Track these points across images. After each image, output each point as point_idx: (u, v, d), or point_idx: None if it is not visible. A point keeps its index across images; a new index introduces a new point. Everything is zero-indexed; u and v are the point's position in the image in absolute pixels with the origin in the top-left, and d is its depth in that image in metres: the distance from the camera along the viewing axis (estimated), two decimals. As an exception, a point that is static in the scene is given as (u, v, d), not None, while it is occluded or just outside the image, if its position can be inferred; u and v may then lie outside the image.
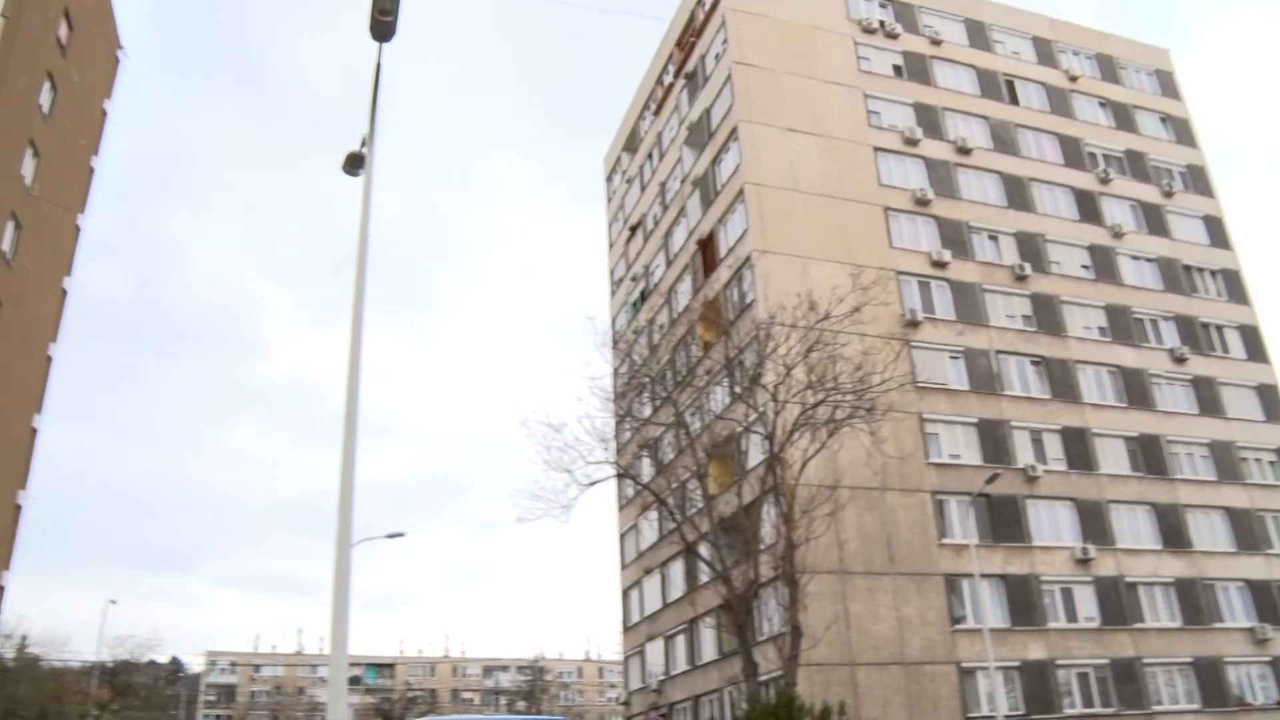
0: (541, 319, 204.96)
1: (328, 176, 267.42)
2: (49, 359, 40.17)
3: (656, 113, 53.39)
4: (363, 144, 13.93)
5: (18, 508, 37.78)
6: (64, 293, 41.40)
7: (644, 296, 50.85)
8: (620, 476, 34.44)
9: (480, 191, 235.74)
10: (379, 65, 13.58)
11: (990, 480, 33.94)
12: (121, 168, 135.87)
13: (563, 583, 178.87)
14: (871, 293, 32.11)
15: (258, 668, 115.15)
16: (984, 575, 34.26)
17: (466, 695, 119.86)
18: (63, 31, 38.06)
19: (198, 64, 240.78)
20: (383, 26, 12.70)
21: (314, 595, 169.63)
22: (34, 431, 39.21)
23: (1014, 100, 48.03)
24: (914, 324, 39.09)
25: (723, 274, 40.75)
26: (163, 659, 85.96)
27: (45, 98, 37.20)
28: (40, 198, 37.15)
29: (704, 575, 37.42)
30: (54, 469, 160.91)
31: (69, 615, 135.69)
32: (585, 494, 28.99)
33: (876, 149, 42.97)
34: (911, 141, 43.60)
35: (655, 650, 44.82)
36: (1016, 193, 45.10)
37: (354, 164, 14.10)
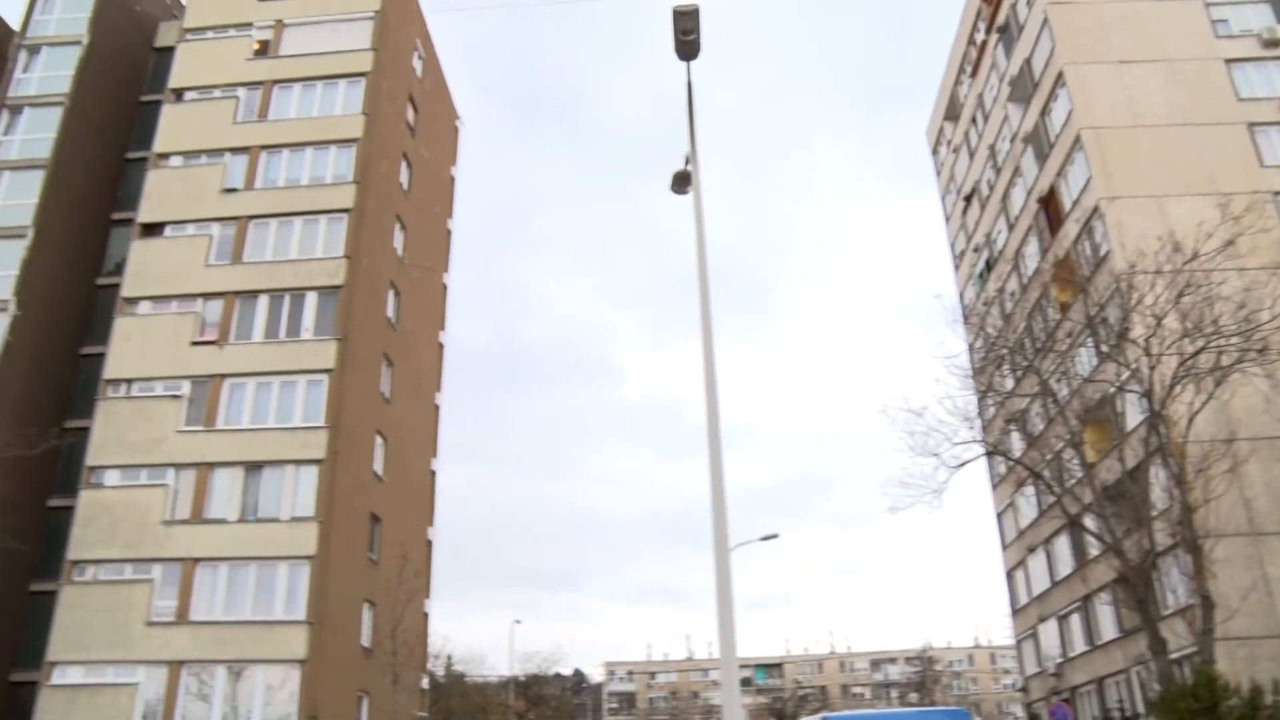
0: (886, 304, 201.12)
1: (655, 201, 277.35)
2: (436, 407, 44.63)
3: (973, 74, 51.14)
4: (687, 162, 14.41)
5: (429, 543, 42.21)
6: (440, 346, 45.84)
7: (989, 266, 48.75)
8: (990, 454, 33.07)
9: (804, 186, 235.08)
10: (689, 83, 14.09)
11: None
12: (471, 226, 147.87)
13: (943, 569, 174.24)
14: (1245, 221, 28.87)
15: (653, 675, 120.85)
16: None
17: (856, 690, 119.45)
18: (410, 115, 42.25)
19: (520, 118, 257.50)
20: (687, 46, 13.24)
21: (697, 602, 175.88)
22: (433, 474, 43.60)
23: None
24: (1302, 247, 34.77)
25: (1070, 229, 38.28)
26: (566, 671, 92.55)
27: (404, 176, 41.48)
28: (411, 264, 41.35)
29: (1093, 548, 35.11)
30: (453, 505, 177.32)
31: (482, 634, 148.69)
32: (956, 476, 28.02)
33: (1228, 61, 38.62)
34: (1273, 43, 38.85)
35: (1049, 632, 42.67)
36: None
37: (681, 183, 14.64)
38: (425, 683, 41.65)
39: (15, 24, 43.66)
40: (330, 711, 31.01)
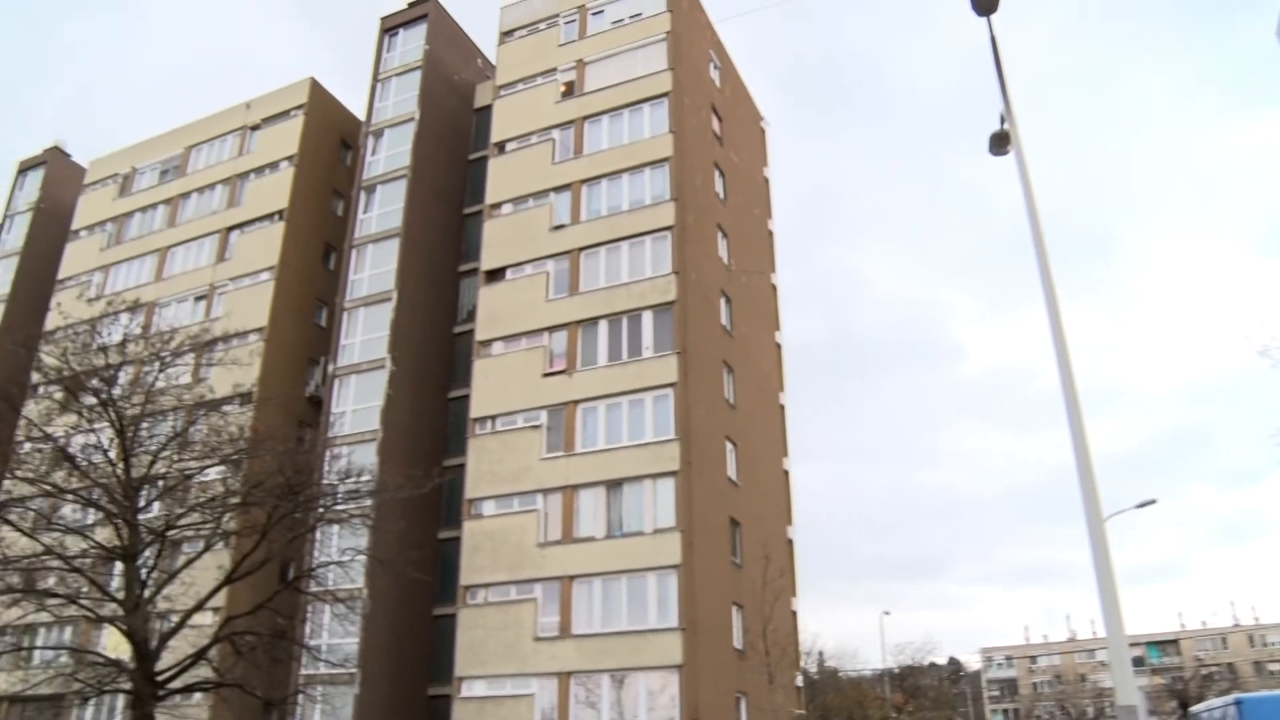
0: (1246, 235, 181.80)
1: (970, 166, 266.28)
2: (781, 407, 44.82)
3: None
4: (1002, 120, 13.74)
5: (790, 542, 42.35)
6: (778, 347, 46.04)
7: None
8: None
9: (1130, 120, 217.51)
10: (993, 38, 13.41)
11: None
12: (789, 222, 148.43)
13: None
14: None
15: (1033, 659, 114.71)
16: None
17: (1273, 668, 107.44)
18: (716, 125, 42.93)
19: (821, 106, 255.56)
20: (985, 1, 12.66)
21: (1071, 579, 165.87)
22: (786, 473, 43.76)
23: None
24: None
25: None
26: (941, 660, 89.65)
27: (719, 185, 42.16)
28: (739, 270, 41.87)
29: None
30: (808, 503, 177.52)
31: (851, 629, 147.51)
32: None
33: None
34: None
35: None
36: None
37: (1000, 143, 13.94)
38: (800, 680, 41.74)
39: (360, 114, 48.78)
40: (710, 713, 31.69)
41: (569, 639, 33.29)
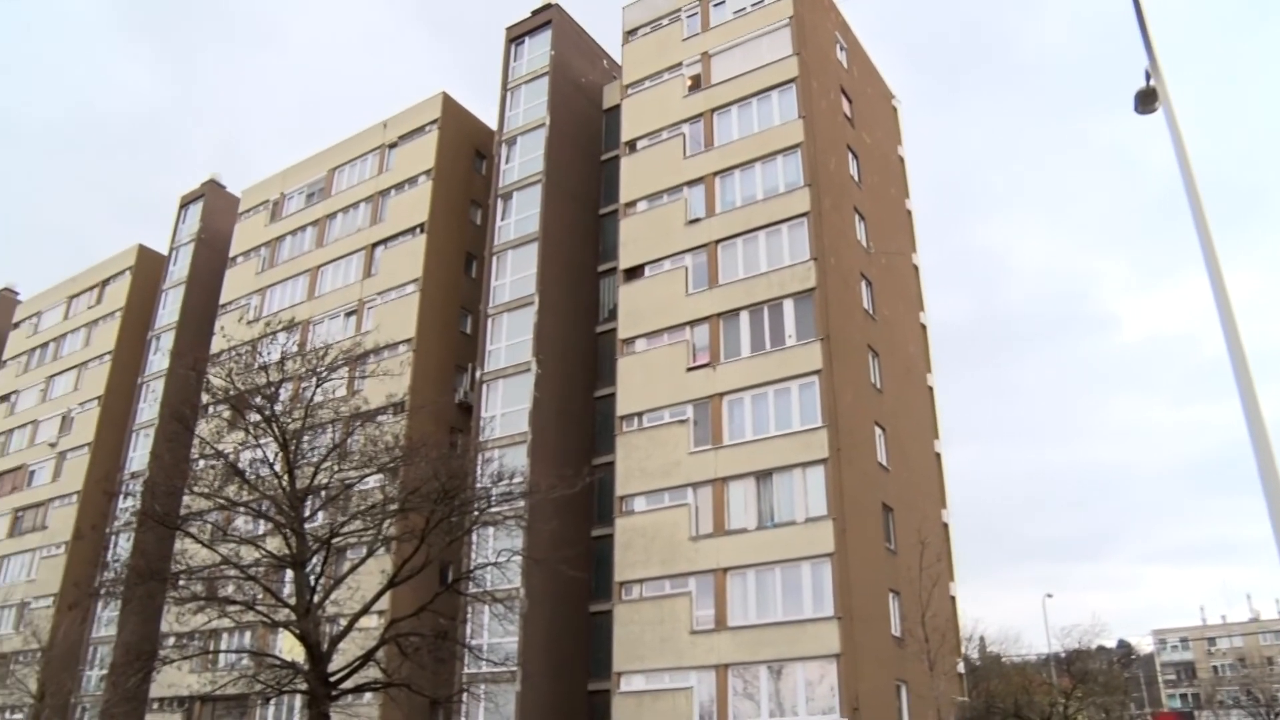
0: None
1: (1112, 129, 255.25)
2: (930, 389, 43.83)
3: None
4: (1148, 77, 13.12)
5: (945, 526, 41.37)
6: (923, 328, 45.02)
7: None
8: None
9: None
10: (1134, -10, 12.84)
11: None
12: (928, 200, 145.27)
13: None
14: None
15: (1211, 641, 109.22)
16: None
17: None
18: (846, 107, 42.27)
19: (953, 80, 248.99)
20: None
21: (1253, 556, 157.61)
22: (937, 456, 42.78)
23: None
24: None
25: None
26: (1110, 643, 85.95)
27: (853, 168, 41.50)
28: (879, 252, 41.13)
29: None
30: (962, 486, 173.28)
31: (1013, 613, 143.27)
32: None
33: None
34: None
35: None
36: None
37: (1146, 101, 13.31)
38: (961, 667, 40.68)
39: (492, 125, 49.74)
40: (870, 702, 31.19)
41: (725, 631, 33.22)
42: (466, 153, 51.36)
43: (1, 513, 63.92)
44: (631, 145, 43.34)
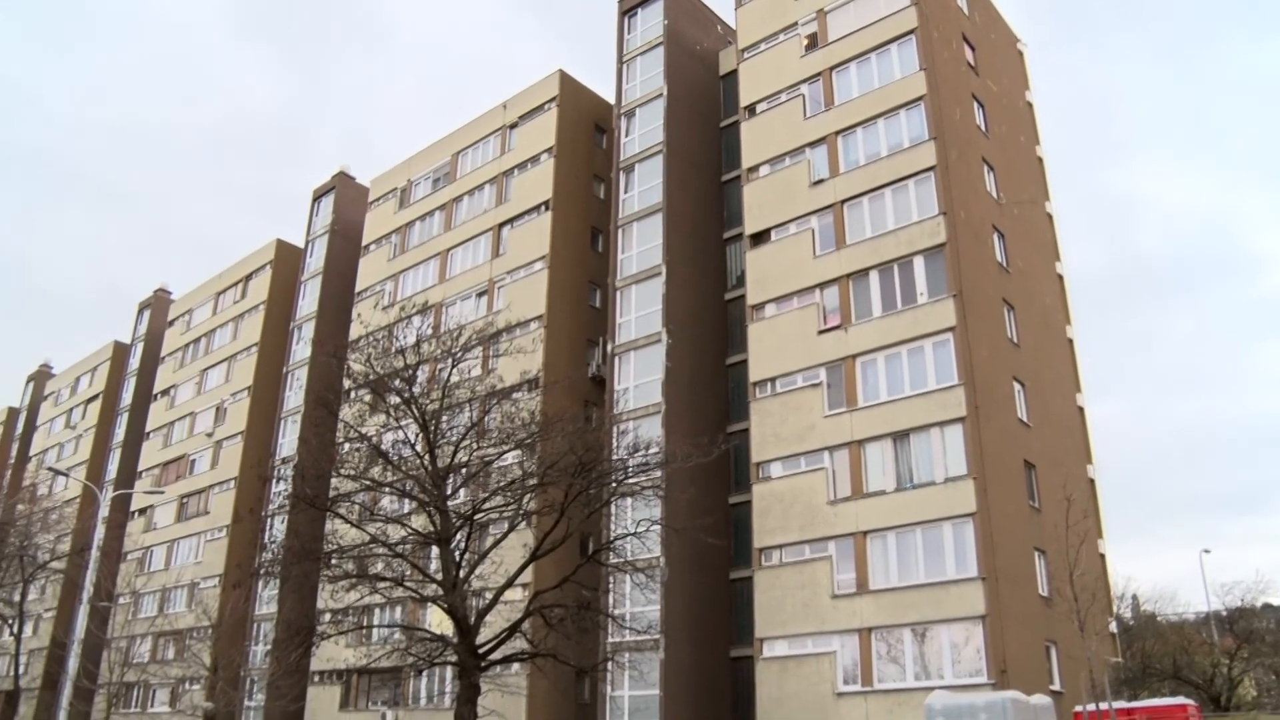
0: None
1: (1253, 56, 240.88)
2: (1070, 341, 42.48)
3: None
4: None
5: (1091, 481, 40.16)
6: (1060, 278, 43.60)
7: None
8: None
9: None
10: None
11: None
12: (1060, 145, 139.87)
13: None
14: None
15: None
16: None
17: None
18: (969, 55, 41.04)
19: (1080, 15, 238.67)
20: None
21: None
22: (1081, 410, 41.49)
23: None
24: None
25: None
26: (1276, 601, 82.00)
27: (979, 117, 40.33)
28: (1010, 202, 39.95)
29: None
30: (1107, 439, 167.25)
31: (1167, 570, 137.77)
32: None
33: None
34: None
35: None
36: None
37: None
38: (1114, 626, 39.47)
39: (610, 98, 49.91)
40: (1019, 663, 30.56)
41: (867, 595, 32.96)
42: (586, 128, 51.71)
43: (169, 500, 67.61)
44: (751, 109, 42.94)
